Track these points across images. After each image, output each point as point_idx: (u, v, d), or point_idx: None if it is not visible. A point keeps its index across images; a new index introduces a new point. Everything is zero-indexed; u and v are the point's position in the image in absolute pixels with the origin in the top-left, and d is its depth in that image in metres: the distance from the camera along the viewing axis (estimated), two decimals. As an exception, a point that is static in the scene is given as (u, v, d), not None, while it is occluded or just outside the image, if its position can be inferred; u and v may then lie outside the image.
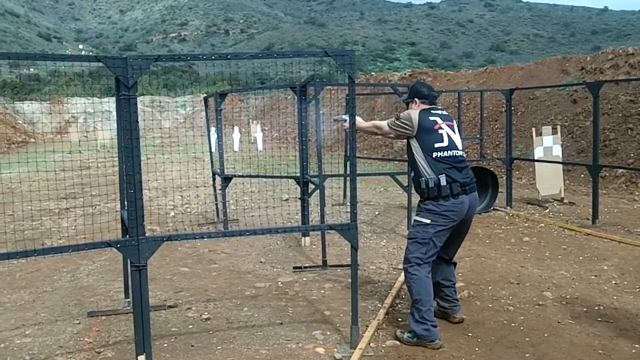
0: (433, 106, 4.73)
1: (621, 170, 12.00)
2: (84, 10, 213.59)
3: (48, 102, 42.33)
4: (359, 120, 4.80)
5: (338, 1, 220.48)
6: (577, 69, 17.16)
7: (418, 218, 4.56)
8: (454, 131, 4.62)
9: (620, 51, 15.98)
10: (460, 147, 4.62)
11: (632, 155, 12.48)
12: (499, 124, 16.81)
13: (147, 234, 3.91)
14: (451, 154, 4.51)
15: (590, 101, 14.56)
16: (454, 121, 4.75)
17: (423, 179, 4.49)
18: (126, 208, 4.09)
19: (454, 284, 4.92)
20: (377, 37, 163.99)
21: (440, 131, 4.54)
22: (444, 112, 4.74)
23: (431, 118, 4.58)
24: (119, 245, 3.93)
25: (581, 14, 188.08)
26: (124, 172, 4.05)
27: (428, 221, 4.46)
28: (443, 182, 4.42)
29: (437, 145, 4.50)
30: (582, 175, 12.67)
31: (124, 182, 4.41)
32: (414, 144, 4.57)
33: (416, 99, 4.75)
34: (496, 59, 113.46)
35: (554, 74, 18.02)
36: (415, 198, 4.93)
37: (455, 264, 4.96)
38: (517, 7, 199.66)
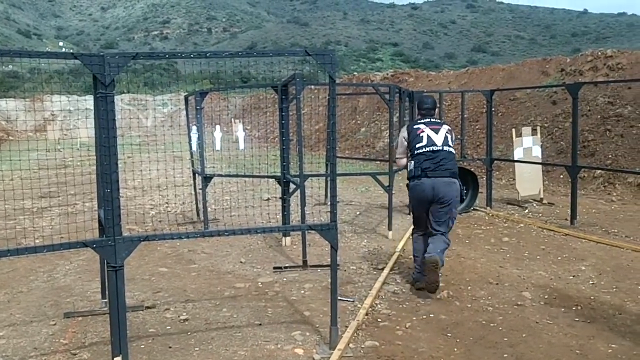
0: (425, 116, 6.15)
1: (599, 171, 12.11)
2: (64, 7, 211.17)
3: (27, 99, 41.80)
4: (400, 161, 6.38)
5: (321, 1, 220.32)
6: (557, 71, 17.32)
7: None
8: (436, 133, 5.89)
9: (599, 53, 16.15)
10: (439, 143, 5.83)
11: (610, 156, 12.60)
12: (480, 124, 16.89)
13: (125, 234, 3.86)
14: (427, 150, 5.81)
15: (569, 103, 14.67)
16: (443, 125, 6.02)
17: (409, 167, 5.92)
18: (103, 207, 4.03)
19: (431, 251, 5.65)
20: (360, 37, 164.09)
21: (421, 134, 5.89)
22: (432, 120, 6.09)
23: (415, 127, 6.02)
24: (95, 246, 3.88)
25: (561, 16, 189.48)
26: (101, 171, 3.99)
27: (409, 196, 6.20)
28: (411, 167, 5.87)
29: (417, 145, 5.87)
30: (561, 176, 12.76)
31: (101, 181, 4.35)
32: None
33: (417, 109, 6.41)
34: (478, 60, 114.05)
35: (535, 76, 18.16)
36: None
37: (447, 243, 5.83)
38: (499, 8, 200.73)
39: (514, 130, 11.41)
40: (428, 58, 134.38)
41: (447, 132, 5.95)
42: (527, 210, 10.08)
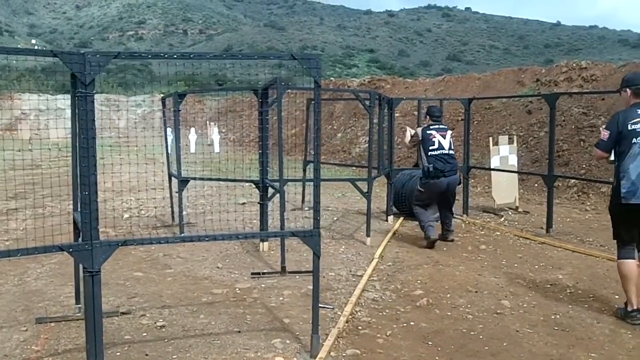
0: (435, 122, 8.15)
1: (573, 180, 12.24)
2: (38, 4, 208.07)
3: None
4: (410, 132, 8.68)
5: (298, 5, 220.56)
6: (533, 81, 17.51)
7: (418, 188, 8.23)
8: (444, 138, 7.95)
9: (574, 65, 16.37)
10: (446, 147, 7.89)
11: (584, 166, 12.76)
12: (456, 132, 16.93)
13: (101, 238, 3.76)
14: (439, 153, 7.84)
15: (544, 112, 14.87)
16: (448, 131, 8.15)
17: (424, 166, 7.92)
18: (79, 210, 3.92)
19: (448, 221, 8.21)
20: (336, 42, 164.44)
21: (433, 139, 7.92)
22: (441, 126, 8.16)
23: (428, 132, 8.02)
24: (71, 250, 3.78)
25: (535, 27, 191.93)
26: (79, 173, 3.88)
27: (423, 190, 8.07)
28: (431, 169, 7.80)
29: (430, 147, 7.88)
30: (536, 185, 12.88)
31: (77, 183, 4.24)
32: (421, 147, 8.09)
33: (428, 116, 8.36)
34: (453, 69, 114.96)
35: (510, 85, 18.35)
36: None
37: (452, 213, 8.40)
38: (474, 18, 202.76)
39: (490, 138, 11.48)
40: (403, 65, 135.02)
41: (451, 137, 8.06)
42: (503, 219, 10.14)
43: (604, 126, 5.40)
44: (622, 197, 4.99)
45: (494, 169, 10.81)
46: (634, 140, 4.97)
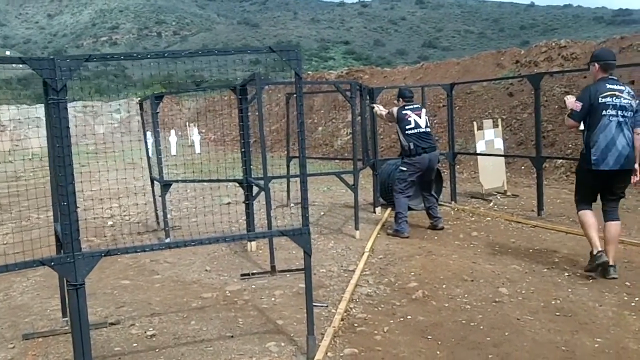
0: (408, 103, 8.24)
1: (560, 161, 12.18)
2: (9, 15, 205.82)
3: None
4: (381, 109, 8.85)
5: (271, 1, 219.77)
6: (512, 63, 17.46)
7: (401, 167, 8.18)
8: (420, 117, 8.10)
9: (553, 44, 16.33)
10: (422, 125, 8.05)
11: (570, 145, 12.70)
12: (438, 119, 16.90)
13: (84, 248, 3.59)
14: (416, 131, 8.00)
15: (526, 94, 14.83)
16: (422, 110, 8.29)
17: (404, 145, 8.02)
18: (59, 222, 3.75)
19: (433, 207, 8.28)
20: (311, 36, 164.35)
21: (409, 118, 8.04)
22: (414, 106, 8.26)
23: (403, 112, 8.13)
24: (53, 263, 3.61)
25: (509, 9, 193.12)
26: (56, 183, 3.71)
27: (405, 168, 8.06)
28: (412, 146, 7.95)
29: (407, 127, 8.00)
30: (523, 167, 12.82)
31: (56, 193, 4.06)
32: (397, 127, 8.18)
33: (400, 99, 8.35)
34: (429, 56, 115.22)
35: (489, 69, 18.29)
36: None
37: (435, 197, 8.52)
38: (448, 4, 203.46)
39: (475, 123, 11.38)
40: (380, 55, 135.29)
41: (426, 115, 8.26)
42: (492, 203, 10.05)
43: (573, 98, 5.85)
44: (592, 163, 5.54)
45: (480, 154, 10.71)
46: (604, 112, 5.50)
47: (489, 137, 10.74)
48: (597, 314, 4.73)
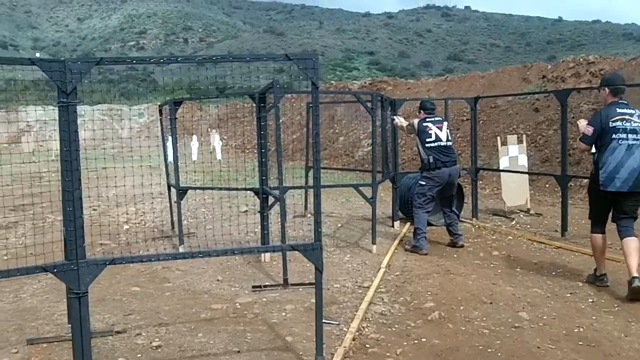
0: (429, 115, 8.10)
1: (586, 180, 11.82)
2: (41, 18, 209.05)
3: (1, 110, 40.80)
4: (402, 120, 8.83)
5: (297, 10, 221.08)
6: (539, 77, 17.17)
7: (420, 181, 8.00)
8: (441, 130, 7.92)
9: (581, 59, 16.02)
10: (443, 139, 7.88)
11: (595, 164, 12.36)
12: (461, 132, 16.65)
13: (95, 251, 3.47)
14: (436, 145, 7.83)
15: (552, 110, 14.54)
16: (444, 123, 8.09)
17: (424, 158, 7.87)
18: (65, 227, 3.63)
19: (454, 224, 8.08)
20: (336, 46, 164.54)
21: (429, 131, 7.89)
22: (436, 118, 8.11)
23: (424, 124, 7.98)
24: (56, 270, 3.50)
25: (536, 24, 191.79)
26: (63, 187, 3.60)
27: (424, 182, 7.88)
28: (431, 160, 7.78)
29: (427, 140, 7.85)
30: (547, 185, 12.52)
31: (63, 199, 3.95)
32: (417, 139, 8.00)
33: (422, 111, 8.23)
34: (454, 68, 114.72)
35: (515, 83, 18.01)
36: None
37: (457, 214, 8.36)
38: (474, 16, 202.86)
39: (498, 138, 11.13)
40: (404, 67, 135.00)
41: (447, 128, 8.07)
42: (514, 221, 9.79)
43: (585, 122, 6.08)
44: (600, 183, 5.79)
45: (503, 170, 10.46)
46: (614, 135, 5.73)
47: (513, 153, 10.49)
48: (622, 345, 4.47)
